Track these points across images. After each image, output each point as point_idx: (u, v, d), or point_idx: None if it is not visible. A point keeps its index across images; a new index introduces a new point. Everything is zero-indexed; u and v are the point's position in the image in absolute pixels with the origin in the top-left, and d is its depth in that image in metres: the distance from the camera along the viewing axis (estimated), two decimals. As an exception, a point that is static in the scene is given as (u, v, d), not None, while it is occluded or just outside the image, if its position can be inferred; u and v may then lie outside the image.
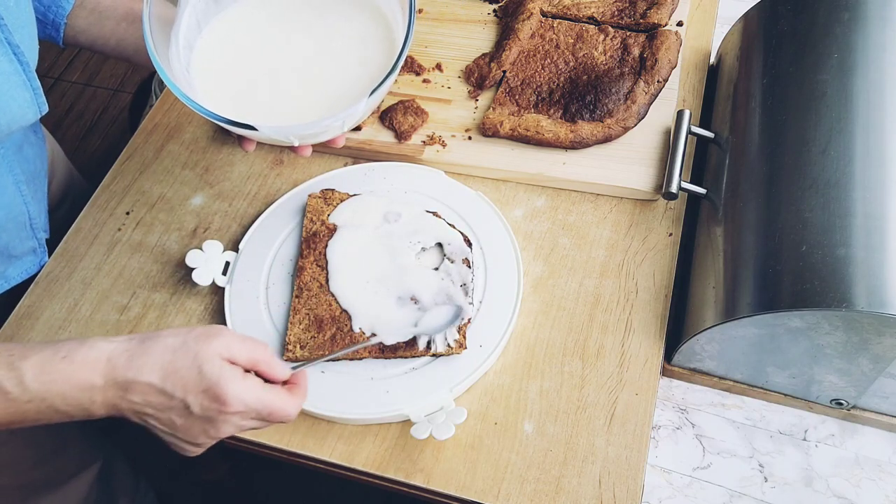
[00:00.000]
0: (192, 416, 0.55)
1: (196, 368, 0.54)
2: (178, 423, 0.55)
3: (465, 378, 0.67)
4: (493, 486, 0.64)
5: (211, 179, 0.86)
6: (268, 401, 0.56)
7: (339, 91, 0.67)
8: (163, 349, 0.55)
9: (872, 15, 0.69)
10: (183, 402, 0.54)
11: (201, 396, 0.54)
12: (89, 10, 0.74)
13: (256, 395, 0.55)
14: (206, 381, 0.54)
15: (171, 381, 0.54)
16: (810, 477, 0.66)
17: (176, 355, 0.54)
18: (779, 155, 0.67)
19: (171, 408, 0.54)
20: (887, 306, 0.55)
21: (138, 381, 0.54)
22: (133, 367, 0.54)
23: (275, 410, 0.56)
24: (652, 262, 0.75)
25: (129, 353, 0.54)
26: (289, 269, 0.76)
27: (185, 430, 0.56)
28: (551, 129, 0.81)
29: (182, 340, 0.55)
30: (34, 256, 0.80)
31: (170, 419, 0.55)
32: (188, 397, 0.54)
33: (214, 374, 0.54)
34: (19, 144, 0.76)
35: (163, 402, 0.54)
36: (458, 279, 0.71)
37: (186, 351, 0.54)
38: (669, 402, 0.71)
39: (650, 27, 0.87)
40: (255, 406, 0.55)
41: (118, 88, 2.11)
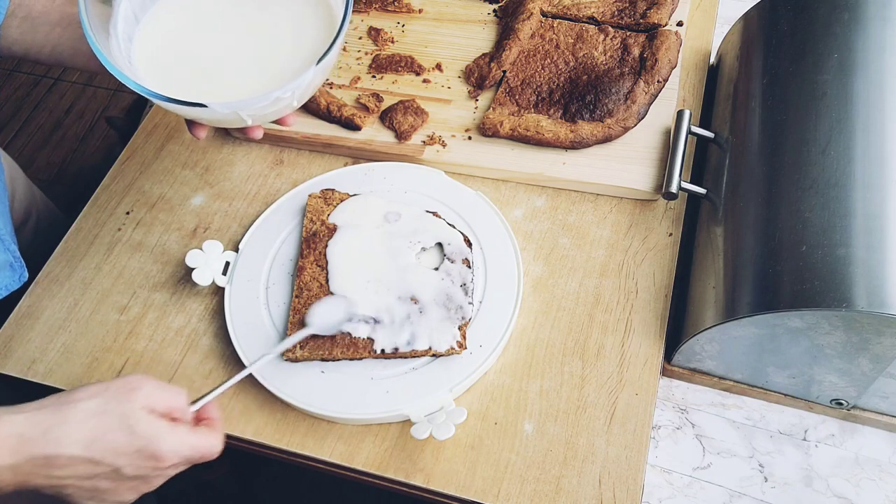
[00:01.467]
0: (123, 477, 0.52)
1: (126, 429, 0.52)
2: (103, 488, 0.53)
3: (465, 378, 0.67)
4: (493, 486, 0.64)
5: (211, 179, 0.86)
6: (198, 445, 0.55)
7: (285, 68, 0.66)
8: (83, 415, 0.51)
9: (872, 15, 0.69)
10: (113, 468, 0.52)
11: (135, 457, 0.52)
12: (21, 19, 0.72)
13: (189, 443, 0.54)
14: (139, 442, 0.52)
15: (99, 448, 0.51)
16: (810, 477, 0.66)
17: (99, 419, 0.52)
18: (779, 155, 0.67)
19: (97, 475, 0.52)
20: (887, 306, 0.55)
21: (60, 454, 0.50)
22: (52, 440, 0.50)
23: (205, 452, 0.56)
24: (652, 262, 0.75)
25: (44, 425, 0.51)
26: (289, 269, 0.76)
27: (112, 491, 0.53)
28: (551, 129, 0.81)
29: (102, 401, 0.52)
30: (12, 272, 0.77)
31: (93, 486, 0.53)
32: (119, 461, 0.51)
33: (147, 433, 0.52)
34: None
35: (88, 470, 0.52)
36: (458, 279, 0.71)
37: (109, 412, 0.52)
38: (669, 402, 0.71)
39: (650, 27, 0.87)
40: (188, 454, 0.54)
41: (118, 88, 2.11)
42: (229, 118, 0.63)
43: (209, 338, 0.74)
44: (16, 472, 0.51)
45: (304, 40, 0.67)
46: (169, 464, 0.53)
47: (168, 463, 0.53)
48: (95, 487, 0.53)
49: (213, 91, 0.65)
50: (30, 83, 2.13)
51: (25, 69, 2.16)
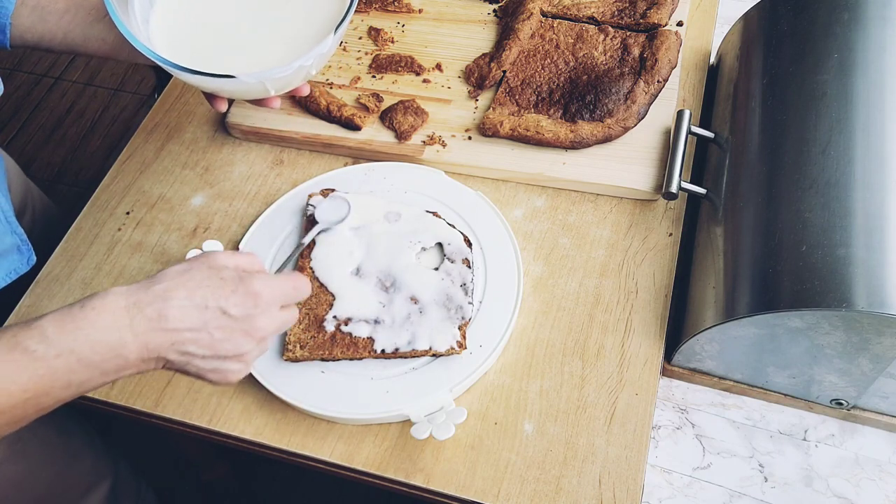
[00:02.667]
0: (231, 319, 0.54)
1: (216, 276, 0.55)
2: (218, 337, 0.54)
3: (465, 378, 0.67)
4: (493, 486, 0.64)
5: (211, 179, 0.86)
6: (288, 279, 0.58)
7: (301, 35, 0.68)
8: (174, 274, 0.55)
9: (872, 15, 0.69)
10: (219, 309, 0.54)
11: (233, 297, 0.54)
12: (31, 8, 0.73)
13: (277, 279, 0.57)
14: (230, 284, 0.55)
15: (201, 294, 0.54)
16: (810, 477, 0.66)
17: (190, 274, 0.55)
18: (779, 155, 0.67)
19: (209, 321, 0.54)
20: (887, 306, 0.55)
21: (168, 305, 0.53)
22: (158, 296, 0.53)
23: (297, 283, 0.58)
24: (652, 262, 0.75)
25: (145, 289, 0.54)
26: (289, 269, 0.76)
27: (227, 340, 0.55)
28: (551, 129, 0.81)
29: (186, 265, 0.56)
30: (19, 255, 0.78)
31: (210, 337, 0.54)
32: (221, 302, 0.54)
33: (234, 276, 0.55)
34: None
35: (199, 318, 0.54)
36: (458, 279, 0.71)
37: (197, 268, 0.55)
38: (669, 402, 0.71)
39: (650, 27, 0.87)
40: (283, 286, 0.57)
41: (118, 88, 2.11)
42: (254, 88, 0.65)
43: (209, 338, 0.74)
44: (135, 333, 0.52)
45: (317, 7, 0.69)
46: (267, 298, 0.55)
47: (266, 298, 0.55)
48: (212, 339, 0.54)
49: (233, 62, 0.67)
50: (30, 83, 2.13)
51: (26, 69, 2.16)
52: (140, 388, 0.72)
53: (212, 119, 0.91)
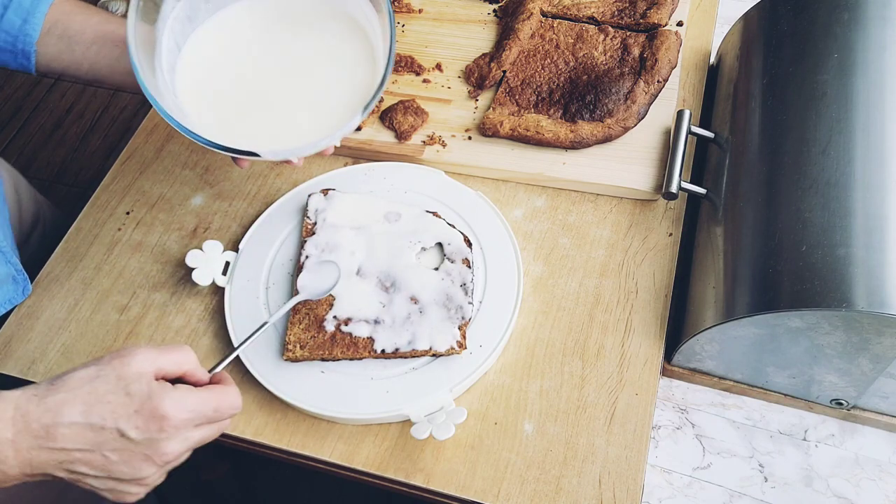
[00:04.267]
0: (131, 443, 0.49)
1: (122, 390, 0.49)
2: (113, 460, 0.50)
3: (465, 378, 0.67)
4: (493, 486, 0.64)
5: (211, 179, 0.86)
6: (209, 398, 0.51)
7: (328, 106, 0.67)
8: (77, 382, 0.49)
9: (872, 15, 0.69)
10: (116, 431, 0.49)
11: (136, 418, 0.49)
12: (58, 37, 0.72)
13: (195, 397, 0.51)
14: (136, 401, 0.49)
15: (98, 412, 0.49)
16: (810, 477, 0.66)
17: (95, 384, 0.49)
18: (779, 155, 0.67)
19: (103, 443, 0.49)
20: (887, 306, 0.55)
21: (59, 423, 0.48)
22: (49, 409, 0.48)
23: (220, 404, 0.52)
24: (652, 262, 0.75)
25: (39, 396, 0.49)
26: (289, 269, 0.76)
27: (124, 464, 0.50)
28: (551, 129, 0.81)
29: (96, 368, 0.50)
30: (15, 285, 0.76)
31: (103, 458, 0.49)
32: (120, 423, 0.49)
33: (143, 391, 0.49)
34: None
35: (92, 438, 0.49)
36: (458, 279, 0.71)
37: (104, 376, 0.49)
38: (669, 402, 0.71)
39: (650, 27, 0.87)
40: (199, 408, 0.51)
41: (118, 89, 2.11)
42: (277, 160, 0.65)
43: (209, 338, 0.74)
44: (18, 449, 0.48)
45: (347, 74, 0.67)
46: (176, 422, 0.49)
47: (175, 421, 0.49)
48: (106, 461, 0.49)
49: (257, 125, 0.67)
50: (30, 83, 2.13)
51: (25, 69, 2.16)
52: (140, 388, 0.72)
53: (212, 119, 0.91)
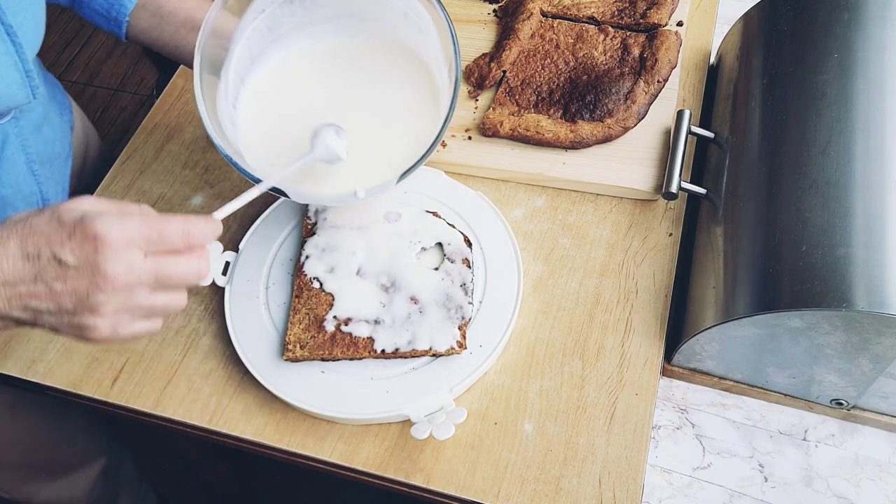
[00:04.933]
0: (70, 269, 0.47)
1: (55, 221, 0.47)
2: (58, 289, 0.48)
3: (465, 378, 0.67)
4: (493, 486, 0.64)
5: (211, 179, 0.86)
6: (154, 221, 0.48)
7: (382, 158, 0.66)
8: (16, 219, 0.49)
9: (872, 15, 0.69)
10: (52, 258, 0.47)
11: (69, 242, 0.47)
12: (151, 13, 0.75)
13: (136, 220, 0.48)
14: (68, 226, 0.47)
15: (32, 242, 0.47)
16: (810, 477, 0.66)
17: (31, 219, 0.48)
18: (779, 155, 0.67)
19: (42, 272, 0.47)
20: (887, 306, 0.55)
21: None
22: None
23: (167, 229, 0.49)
24: (652, 262, 0.75)
25: None
26: (289, 269, 0.76)
27: (71, 293, 0.48)
28: (551, 129, 0.81)
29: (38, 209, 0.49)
30: None
31: (47, 289, 0.48)
32: (54, 249, 0.47)
33: (76, 217, 0.47)
34: (38, 125, 0.76)
35: (31, 269, 0.48)
36: (458, 279, 0.71)
37: (42, 212, 0.48)
38: (669, 402, 0.71)
39: (650, 27, 0.87)
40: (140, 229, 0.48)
41: (118, 88, 2.12)
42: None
43: (209, 338, 0.74)
44: None
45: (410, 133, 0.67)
46: (112, 240, 0.47)
47: (110, 240, 0.47)
48: (51, 291, 0.48)
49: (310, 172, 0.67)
50: (30, 83, 2.13)
51: (25, 69, 2.16)
52: (140, 388, 0.72)
53: (212, 119, 0.92)
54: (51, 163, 0.80)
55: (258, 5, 0.66)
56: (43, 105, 0.78)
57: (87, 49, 2.21)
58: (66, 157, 0.84)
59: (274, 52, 0.70)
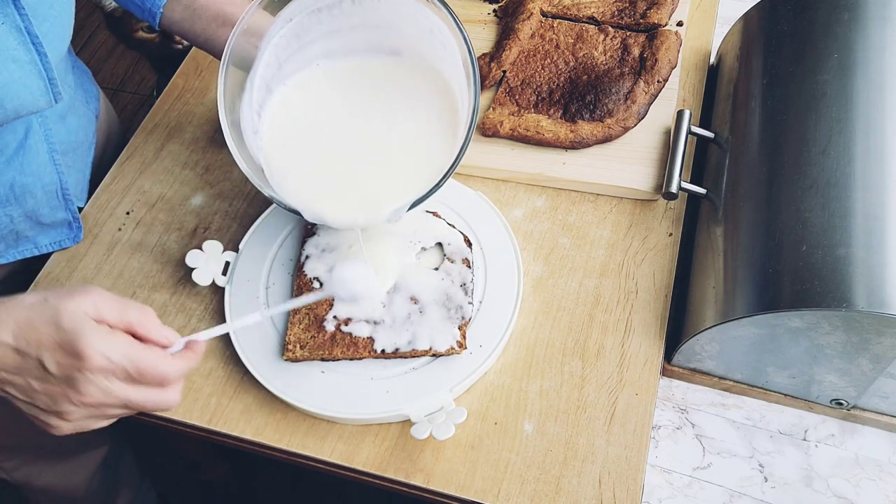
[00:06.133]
0: (50, 375, 0.49)
1: (53, 323, 0.49)
2: (35, 388, 0.50)
3: (465, 378, 0.67)
4: (493, 486, 0.64)
5: (211, 179, 0.86)
6: (136, 356, 0.49)
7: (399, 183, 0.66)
8: (19, 306, 0.50)
9: (872, 15, 0.69)
10: (38, 361, 0.49)
11: (57, 353, 0.48)
12: (184, 6, 0.76)
13: (122, 349, 0.49)
14: (62, 335, 0.48)
15: (25, 338, 0.49)
16: (810, 477, 0.66)
17: (32, 310, 0.49)
18: (779, 155, 0.67)
19: (26, 369, 0.49)
20: (887, 306, 0.55)
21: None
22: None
23: (145, 368, 0.50)
24: (652, 262, 0.75)
25: None
26: (289, 269, 0.76)
27: (45, 395, 0.50)
28: (551, 129, 0.81)
29: (42, 298, 0.50)
30: (68, 230, 0.81)
31: (26, 384, 0.50)
32: (42, 354, 0.48)
33: (73, 328, 0.48)
34: (62, 114, 0.78)
35: (17, 362, 0.49)
36: (458, 279, 0.71)
37: (45, 307, 0.49)
38: (669, 402, 0.71)
39: (650, 27, 0.87)
40: (120, 362, 0.49)
41: (118, 88, 2.11)
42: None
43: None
44: None
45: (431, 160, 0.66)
46: (93, 364, 0.48)
47: (91, 363, 0.48)
48: (29, 386, 0.50)
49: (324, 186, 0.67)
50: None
51: (25, 69, 2.16)
52: (140, 388, 0.72)
53: (212, 119, 0.92)
54: (73, 152, 0.81)
55: (287, 14, 0.66)
56: (69, 95, 0.79)
57: (88, 49, 2.21)
58: (88, 146, 0.85)
59: (300, 60, 0.70)
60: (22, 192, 0.73)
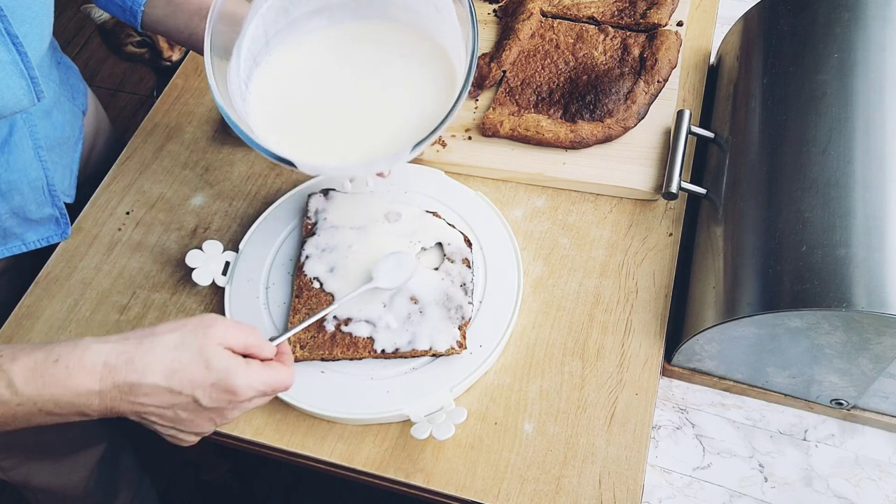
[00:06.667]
0: (201, 409, 0.55)
1: (203, 363, 0.54)
2: (183, 417, 0.55)
3: (465, 378, 0.67)
4: (493, 486, 0.64)
5: (211, 179, 0.86)
6: (270, 380, 0.57)
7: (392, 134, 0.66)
8: (163, 348, 0.54)
9: (872, 15, 0.69)
10: (192, 398, 0.54)
11: (211, 390, 0.54)
12: (166, 2, 0.76)
13: (262, 378, 0.56)
14: (214, 375, 0.54)
15: (178, 379, 0.54)
16: (810, 477, 0.66)
17: (178, 352, 0.54)
18: (779, 155, 0.67)
19: (177, 404, 0.55)
20: (887, 306, 0.55)
21: (143, 383, 0.53)
22: (135, 370, 0.53)
23: (277, 385, 0.57)
24: (652, 262, 0.75)
25: (128, 355, 0.54)
26: (289, 269, 0.76)
27: (191, 422, 0.56)
28: (551, 129, 0.81)
29: (181, 336, 0.55)
30: (56, 227, 0.81)
31: (175, 415, 0.55)
32: (196, 392, 0.54)
33: (222, 367, 0.54)
34: (47, 110, 0.78)
35: (169, 400, 0.54)
36: (458, 279, 0.71)
37: (188, 346, 0.54)
38: (669, 402, 0.71)
39: (650, 27, 0.87)
40: (262, 388, 0.56)
41: (118, 88, 2.12)
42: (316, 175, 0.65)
43: (209, 338, 0.74)
44: (102, 398, 0.53)
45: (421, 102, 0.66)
46: (244, 397, 0.55)
47: (243, 396, 0.55)
48: (176, 416, 0.55)
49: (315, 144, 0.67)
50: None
51: (25, 69, 2.16)
52: (140, 388, 0.72)
53: (212, 119, 0.92)
54: (59, 147, 0.81)
55: None
56: (54, 91, 0.79)
57: (87, 49, 2.20)
58: (75, 141, 0.85)
59: (289, 34, 0.70)
60: (8, 188, 0.74)
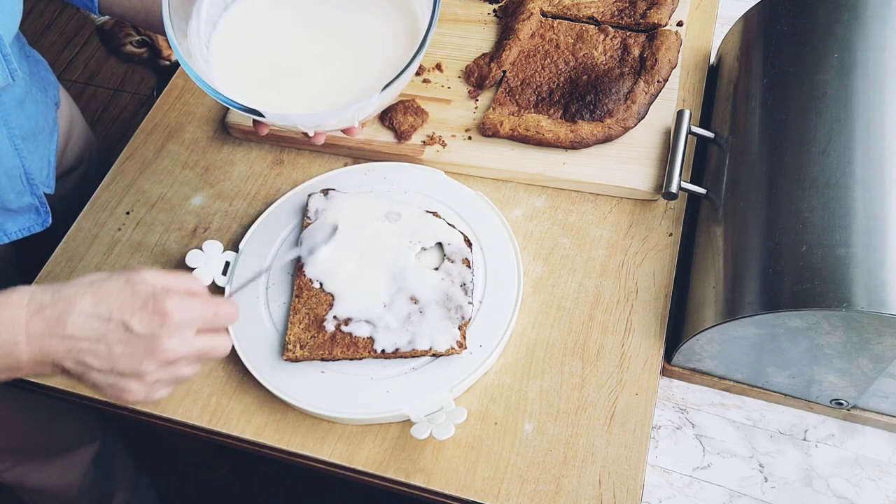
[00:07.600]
0: (134, 336, 0.51)
1: (129, 290, 0.52)
2: (117, 352, 0.52)
3: (465, 378, 0.67)
4: (493, 486, 0.64)
5: (211, 179, 0.86)
6: (209, 303, 0.54)
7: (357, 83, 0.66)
8: (89, 280, 0.53)
9: (872, 15, 0.69)
10: (122, 324, 0.51)
11: (140, 313, 0.51)
12: None
13: (197, 300, 0.54)
14: (141, 299, 0.52)
15: (107, 305, 0.51)
16: (810, 477, 0.66)
17: (105, 283, 0.53)
18: (779, 155, 0.67)
19: (108, 334, 0.52)
20: (887, 306, 0.55)
21: (70, 311, 0.51)
22: (61, 298, 0.52)
23: (219, 309, 0.55)
24: (652, 262, 0.75)
25: (54, 289, 0.52)
26: (289, 269, 0.76)
27: (127, 357, 0.52)
28: (551, 129, 0.81)
29: (107, 273, 0.54)
30: (36, 216, 0.81)
31: (107, 350, 0.52)
32: (126, 316, 0.51)
33: (148, 290, 0.52)
34: (20, 100, 0.78)
35: (99, 329, 0.51)
36: (458, 279, 0.71)
37: (115, 279, 0.53)
38: (669, 402, 0.71)
39: (650, 27, 0.87)
40: (200, 310, 0.53)
41: (118, 88, 2.11)
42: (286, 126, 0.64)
43: (209, 338, 0.74)
44: (30, 335, 0.51)
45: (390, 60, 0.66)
46: (178, 319, 0.52)
47: (176, 318, 0.52)
48: (111, 352, 0.52)
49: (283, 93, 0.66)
50: (30, 83, 2.13)
51: (25, 69, 2.16)
52: (140, 388, 0.72)
53: (212, 119, 0.92)
54: (35, 137, 0.81)
55: None
56: (25, 82, 0.79)
57: (87, 49, 2.20)
58: (49, 132, 0.85)
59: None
60: None
